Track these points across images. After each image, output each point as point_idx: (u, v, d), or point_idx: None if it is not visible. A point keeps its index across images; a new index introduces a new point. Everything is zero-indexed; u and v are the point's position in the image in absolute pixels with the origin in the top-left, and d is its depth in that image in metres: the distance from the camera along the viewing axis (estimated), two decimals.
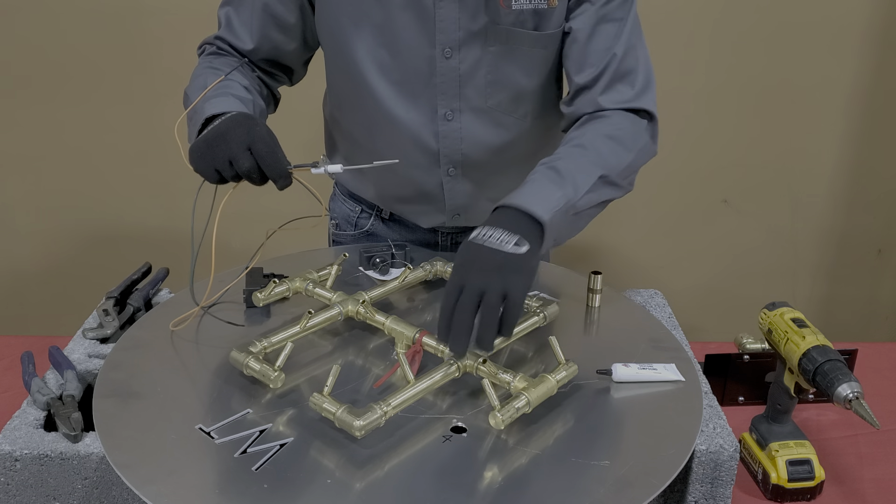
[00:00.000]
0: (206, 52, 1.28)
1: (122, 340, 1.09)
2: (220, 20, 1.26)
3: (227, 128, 1.00)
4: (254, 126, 1.00)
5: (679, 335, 1.22)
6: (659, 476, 0.86)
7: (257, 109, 1.17)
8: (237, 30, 1.24)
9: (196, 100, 1.12)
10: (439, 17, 1.16)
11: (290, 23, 1.23)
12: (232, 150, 0.97)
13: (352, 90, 1.25)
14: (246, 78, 1.22)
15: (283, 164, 0.99)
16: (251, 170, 0.98)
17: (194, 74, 1.23)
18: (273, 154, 0.98)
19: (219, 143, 0.99)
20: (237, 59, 1.25)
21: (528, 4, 1.16)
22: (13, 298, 2.42)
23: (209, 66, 1.22)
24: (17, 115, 2.22)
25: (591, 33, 1.18)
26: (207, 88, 1.13)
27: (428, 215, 1.38)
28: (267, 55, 1.26)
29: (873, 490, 1.09)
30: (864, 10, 2.19)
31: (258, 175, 1.00)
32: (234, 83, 1.17)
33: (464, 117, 1.24)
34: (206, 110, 1.08)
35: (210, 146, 0.99)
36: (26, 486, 0.95)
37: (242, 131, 0.99)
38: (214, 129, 1.01)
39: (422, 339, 1.03)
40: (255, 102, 1.18)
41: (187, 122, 1.14)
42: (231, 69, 1.18)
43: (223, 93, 1.13)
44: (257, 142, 0.98)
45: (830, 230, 2.46)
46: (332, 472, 0.85)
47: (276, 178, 0.99)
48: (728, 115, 2.30)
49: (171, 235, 2.30)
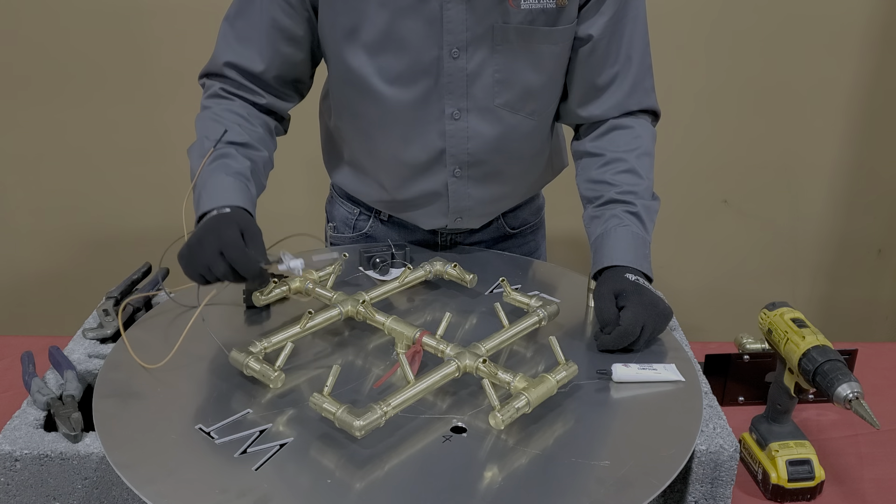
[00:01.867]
0: (211, 90, 1.26)
1: (121, 340, 1.09)
2: (227, 41, 1.23)
3: (202, 235, 1.03)
4: (225, 229, 1.02)
5: (679, 335, 1.22)
6: (659, 476, 0.86)
7: (254, 183, 1.19)
8: (246, 50, 1.22)
9: (197, 173, 1.16)
10: (447, 18, 1.15)
11: (299, 35, 1.22)
12: (207, 258, 1.00)
13: (356, 94, 1.25)
14: (245, 132, 1.21)
15: (255, 265, 1.00)
16: (226, 274, 1.01)
17: (198, 128, 1.22)
18: (244, 258, 1.00)
19: (195, 252, 1.02)
20: (240, 104, 1.24)
21: (537, 4, 1.16)
22: (13, 298, 2.42)
23: (213, 118, 1.22)
24: (17, 116, 2.22)
25: (610, 37, 1.21)
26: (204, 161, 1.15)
27: (430, 218, 1.37)
28: (278, 71, 1.25)
29: (873, 490, 1.09)
30: (864, 9, 2.19)
31: (235, 278, 1.02)
32: (232, 152, 1.18)
33: (471, 116, 1.24)
34: (201, 204, 1.11)
35: (191, 253, 1.03)
36: (26, 486, 0.95)
37: (213, 238, 1.01)
38: (194, 235, 1.04)
39: (422, 339, 1.03)
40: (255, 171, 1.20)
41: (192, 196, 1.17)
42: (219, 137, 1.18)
43: (218, 171, 1.14)
44: (229, 247, 1.00)
45: (830, 230, 2.46)
46: (332, 472, 0.85)
47: (251, 278, 1.02)
48: (728, 115, 2.30)
49: (171, 236, 2.30)
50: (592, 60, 1.23)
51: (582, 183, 1.31)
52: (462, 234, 1.45)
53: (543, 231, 1.56)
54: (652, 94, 1.30)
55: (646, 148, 1.27)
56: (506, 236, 1.48)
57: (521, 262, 1.40)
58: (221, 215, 1.06)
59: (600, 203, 1.25)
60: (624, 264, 1.17)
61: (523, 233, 1.50)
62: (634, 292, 1.12)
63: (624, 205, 1.23)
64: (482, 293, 1.26)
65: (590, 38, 1.21)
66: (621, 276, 1.15)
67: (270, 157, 1.26)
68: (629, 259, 1.18)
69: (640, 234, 1.21)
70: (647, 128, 1.30)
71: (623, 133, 1.28)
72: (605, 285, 1.15)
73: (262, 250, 1.04)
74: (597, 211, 1.26)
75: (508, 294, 1.19)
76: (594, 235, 1.24)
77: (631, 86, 1.26)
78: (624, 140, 1.27)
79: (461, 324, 1.17)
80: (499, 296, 1.24)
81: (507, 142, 1.28)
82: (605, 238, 1.21)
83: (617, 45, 1.23)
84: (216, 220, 1.04)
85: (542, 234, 1.56)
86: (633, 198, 1.23)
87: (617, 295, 1.13)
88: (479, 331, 1.13)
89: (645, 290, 1.14)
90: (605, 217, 1.23)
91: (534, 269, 1.37)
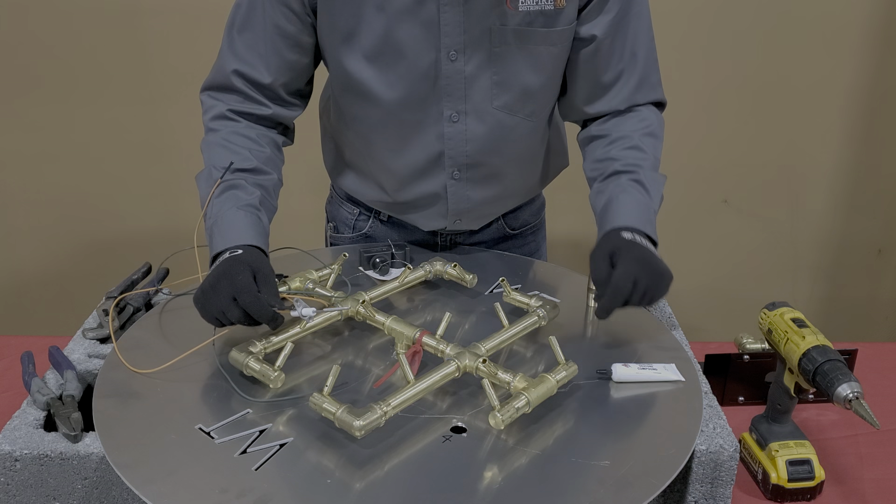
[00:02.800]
0: (215, 111, 1.24)
1: (122, 340, 1.09)
2: (232, 51, 1.22)
3: (215, 281, 1.03)
4: (237, 275, 1.02)
5: (679, 335, 1.22)
6: (659, 476, 0.86)
7: (265, 212, 1.18)
8: (253, 59, 1.21)
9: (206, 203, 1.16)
10: (444, 21, 1.15)
11: (304, 40, 1.21)
12: (221, 304, 1.01)
13: (354, 97, 1.25)
14: (253, 156, 1.20)
15: (268, 310, 1.01)
16: (241, 319, 1.01)
17: (205, 156, 1.21)
18: (256, 303, 1.00)
19: (210, 298, 1.02)
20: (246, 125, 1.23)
21: (535, 6, 1.16)
22: (13, 298, 2.42)
23: (222, 144, 1.21)
24: (16, 116, 2.22)
25: (614, 35, 1.21)
26: (211, 193, 1.15)
27: (429, 219, 1.37)
28: (286, 79, 1.23)
29: (873, 490, 1.09)
30: (864, 8, 2.19)
31: (249, 321, 1.02)
32: (241, 182, 1.17)
33: (469, 119, 1.24)
34: (213, 244, 1.12)
35: (206, 298, 1.03)
36: (26, 486, 0.95)
37: (227, 284, 1.01)
38: (207, 280, 1.05)
39: (422, 339, 1.03)
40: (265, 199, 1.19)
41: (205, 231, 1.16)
42: (225, 169, 1.17)
43: (229, 205, 1.14)
44: (241, 293, 1.00)
45: (830, 230, 2.46)
46: (332, 472, 0.85)
47: (266, 322, 1.02)
48: (728, 115, 2.30)
49: (171, 236, 2.30)
50: (597, 59, 1.23)
51: (588, 165, 1.30)
52: (462, 235, 1.45)
53: (544, 232, 1.56)
54: (658, 88, 1.30)
55: (652, 129, 1.27)
56: (506, 237, 1.48)
57: (521, 263, 1.40)
58: (234, 258, 1.05)
59: (604, 177, 1.24)
60: (625, 225, 1.15)
61: (524, 234, 1.50)
62: (627, 249, 1.10)
63: (628, 174, 1.22)
64: (482, 293, 1.26)
65: (594, 38, 1.21)
66: (617, 236, 1.13)
67: (279, 177, 1.26)
68: (630, 220, 1.16)
69: (644, 200, 1.19)
70: (653, 113, 1.29)
71: (629, 116, 1.28)
72: (600, 248, 1.12)
73: (274, 292, 1.04)
74: (601, 185, 1.25)
75: (508, 294, 1.19)
76: (598, 207, 1.23)
77: (637, 82, 1.26)
78: (630, 122, 1.27)
79: (461, 324, 1.17)
80: (499, 296, 1.24)
81: (506, 143, 1.28)
82: (608, 206, 1.20)
83: (622, 43, 1.22)
84: (229, 265, 1.04)
85: (542, 236, 1.55)
86: (636, 169, 1.22)
87: (611, 255, 1.10)
88: (479, 331, 1.13)
89: (640, 246, 1.11)
90: (608, 189, 1.22)
91: (534, 270, 1.37)
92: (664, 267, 1.11)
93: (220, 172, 1.17)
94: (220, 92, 1.24)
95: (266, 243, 1.14)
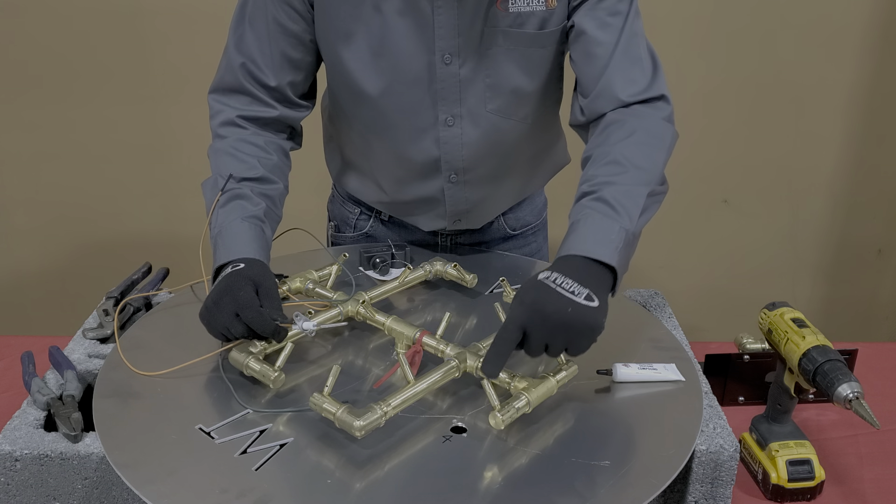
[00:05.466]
0: (223, 116, 1.23)
1: (122, 340, 1.09)
2: (238, 50, 1.21)
3: (219, 297, 1.03)
4: (239, 290, 1.02)
5: (679, 335, 1.22)
6: (659, 476, 0.86)
7: (269, 224, 1.18)
8: (259, 58, 1.20)
9: (210, 211, 1.16)
10: (438, 23, 1.15)
11: (307, 39, 1.21)
12: (225, 320, 1.01)
13: (352, 98, 1.25)
14: (260, 164, 1.20)
15: (271, 324, 1.01)
16: (245, 334, 1.02)
17: (212, 163, 1.21)
18: (259, 318, 1.01)
19: (213, 314, 1.03)
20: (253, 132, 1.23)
21: (526, 7, 1.15)
22: (13, 298, 2.42)
23: (230, 152, 1.20)
24: (16, 115, 2.22)
25: (597, 28, 1.17)
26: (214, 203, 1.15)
27: (429, 220, 1.37)
28: (291, 77, 1.23)
29: (873, 490, 1.09)
30: (864, 8, 2.19)
31: (253, 336, 1.03)
32: (247, 192, 1.16)
33: (464, 122, 1.24)
34: (217, 256, 1.12)
35: (210, 314, 1.03)
36: (26, 486, 0.95)
37: (230, 300, 1.02)
38: (210, 296, 1.05)
39: (422, 339, 1.03)
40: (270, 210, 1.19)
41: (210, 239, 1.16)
42: (226, 180, 1.17)
43: (233, 216, 1.13)
44: (244, 308, 1.01)
45: (830, 230, 2.46)
46: (332, 472, 0.85)
47: (269, 336, 1.02)
48: (728, 115, 2.30)
49: (171, 236, 2.30)
50: (586, 57, 1.19)
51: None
52: (463, 235, 1.45)
53: (545, 233, 1.56)
54: (656, 81, 1.18)
55: (638, 138, 1.11)
56: (507, 237, 1.48)
57: (522, 263, 1.40)
58: (236, 273, 1.05)
59: (574, 204, 1.10)
60: (560, 255, 1.00)
61: (524, 234, 1.50)
62: (524, 291, 0.94)
63: (590, 194, 1.06)
64: (482, 293, 1.26)
65: (582, 33, 1.17)
66: (533, 278, 0.96)
67: (286, 185, 1.25)
68: (571, 249, 0.99)
69: (602, 222, 1.01)
70: (651, 115, 1.16)
71: (615, 128, 1.16)
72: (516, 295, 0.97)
73: (277, 306, 1.04)
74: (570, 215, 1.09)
75: (508, 294, 1.19)
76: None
77: (622, 75, 1.17)
78: (616, 135, 1.13)
79: (461, 324, 1.17)
80: (499, 296, 1.24)
81: (502, 147, 1.27)
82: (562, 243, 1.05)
83: (604, 39, 1.17)
84: (231, 280, 1.04)
85: (543, 236, 1.55)
86: (602, 186, 1.05)
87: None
88: (479, 331, 1.13)
89: (542, 287, 0.92)
90: (570, 217, 1.07)
91: (535, 270, 1.37)
92: (567, 311, 0.90)
93: (224, 182, 1.17)
94: (228, 94, 1.24)
95: (268, 256, 1.14)
